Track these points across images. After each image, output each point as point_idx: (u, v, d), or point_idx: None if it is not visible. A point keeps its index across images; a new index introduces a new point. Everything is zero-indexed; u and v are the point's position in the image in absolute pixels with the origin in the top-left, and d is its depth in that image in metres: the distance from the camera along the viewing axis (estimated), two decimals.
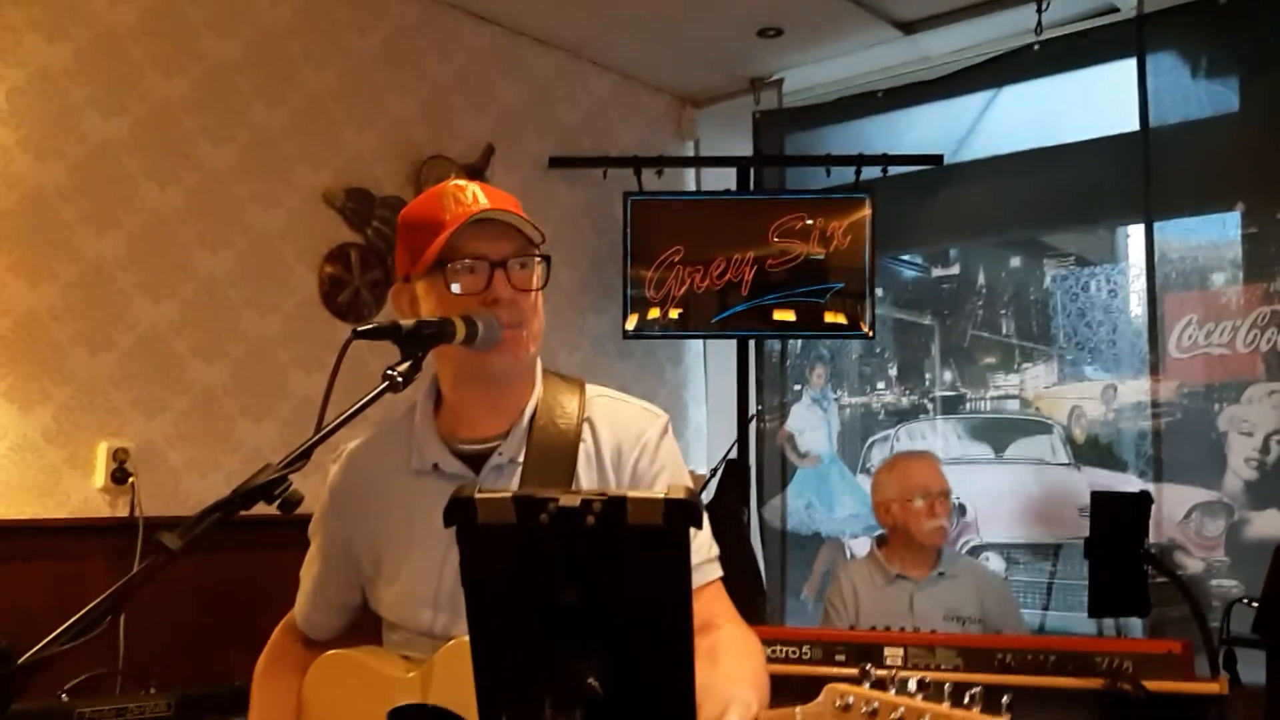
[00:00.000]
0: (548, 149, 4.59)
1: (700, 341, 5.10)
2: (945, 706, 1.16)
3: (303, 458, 1.40)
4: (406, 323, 1.50)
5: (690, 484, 1.61)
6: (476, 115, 4.39)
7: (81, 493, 3.28)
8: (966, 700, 1.17)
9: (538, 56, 4.65)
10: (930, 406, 4.65)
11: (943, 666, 2.81)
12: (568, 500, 0.97)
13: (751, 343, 4.73)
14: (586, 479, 1.57)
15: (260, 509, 1.37)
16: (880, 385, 4.81)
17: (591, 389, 1.66)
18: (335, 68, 3.97)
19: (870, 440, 4.78)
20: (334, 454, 1.74)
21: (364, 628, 1.75)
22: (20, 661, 1.07)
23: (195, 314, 3.54)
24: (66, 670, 2.74)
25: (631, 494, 0.97)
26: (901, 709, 1.17)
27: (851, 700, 1.20)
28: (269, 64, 3.78)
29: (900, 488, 3.39)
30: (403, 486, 1.61)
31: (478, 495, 0.98)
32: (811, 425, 4.87)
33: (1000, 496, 4.36)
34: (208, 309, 3.58)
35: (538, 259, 1.58)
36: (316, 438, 1.44)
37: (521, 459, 1.57)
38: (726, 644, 1.47)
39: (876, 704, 1.19)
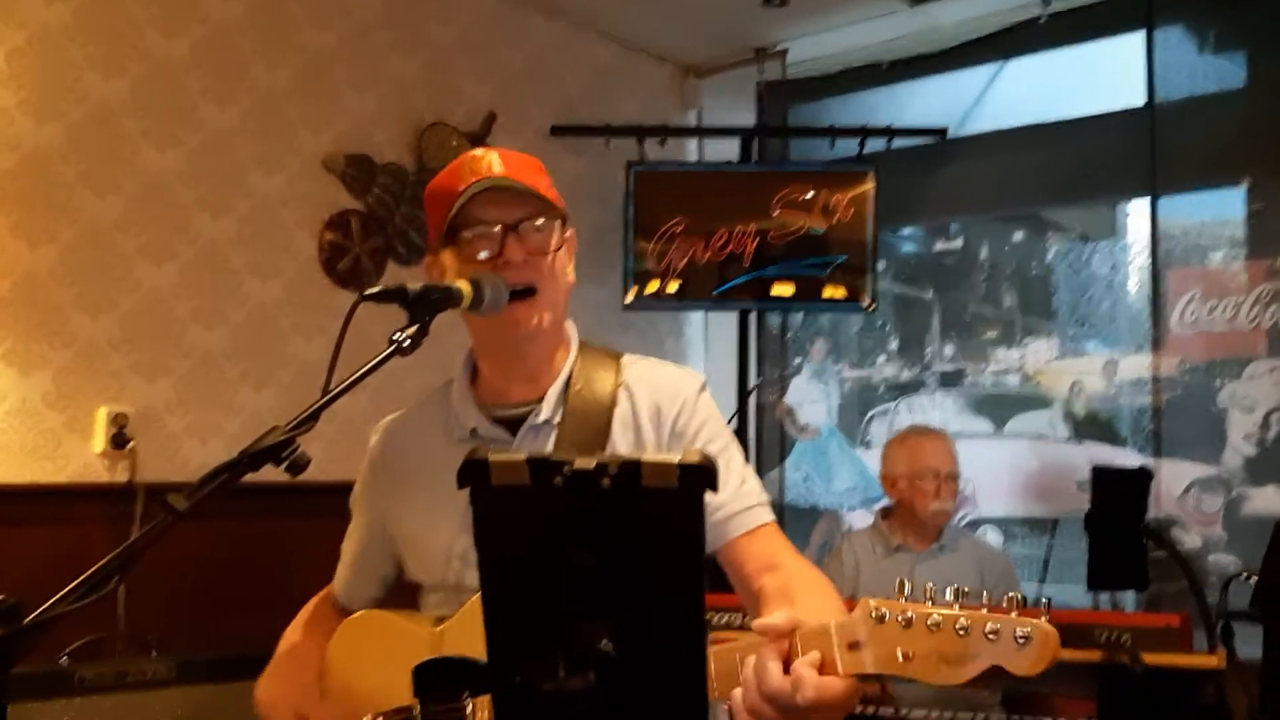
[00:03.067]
0: (550, 117, 4.56)
1: (701, 314, 5.08)
2: (982, 611, 1.17)
3: (310, 420, 1.40)
4: (413, 286, 1.49)
5: (728, 441, 1.62)
6: (479, 82, 4.36)
7: (81, 457, 3.27)
8: (1005, 604, 1.18)
9: (541, 23, 4.61)
10: (931, 380, 4.65)
11: None
12: (582, 463, 0.96)
13: (752, 315, 4.71)
14: (623, 441, 1.59)
15: (262, 475, 1.36)
16: (881, 359, 4.81)
17: (627, 357, 1.68)
18: (337, 30, 3.93)
19: (870, 414, 4.78)
20: (371, 427, 1.77)
21: (401, 600, 1.76)
22: (26, 621, 1.07)
23: (196, 278, 3.52)
24: (66, 634, 2.74)
25: (646, 457, 0.96)
26: (937, 616, 1.17)
27: (886, 612, 1.20)
28: (271, 25, 3.74)
29: (910, 465, 3.40)
30: (443, 454, 1.62)
31: (491, 457, 0.97)
32: (811, 398, 4.86)
33: (1000, 471, 4.36)
34: (208, 273, 3.56)
35: (555, 221, 1.58)
36: (323, 401, 1.44)
37: (557, 421, 1.59)
38: (799, 582, 1.48)
39: (911, 614, 1.19)
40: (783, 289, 4.36)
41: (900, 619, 1.19)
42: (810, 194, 4.37)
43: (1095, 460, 4.15)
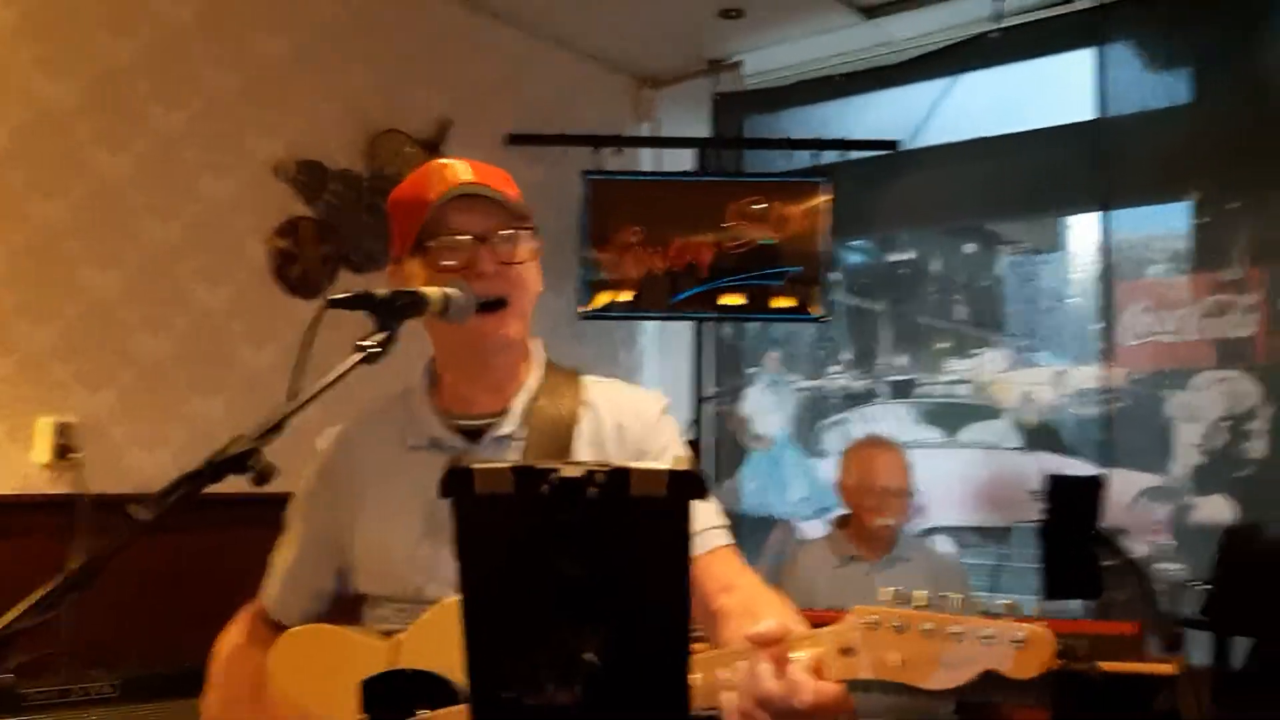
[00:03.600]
0: (506, 126, 4.53)
1: (654, 323, 5.08)
2: (977, 617, 1.16)
3: (276, 429, 1.37)
4: (380, 292, 1.46)
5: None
6: (433, 89, 4.32)
7: (22, 469, 3.18)
8: (1003, 611, 1.16)
9: (497, 32, 4.58)
10: (883, 390, 4.68)
11: None
12: (570, 471, 0.94)
13: (705, 326, 4.72)
14: (588, 458, 1.57)
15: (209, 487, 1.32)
16: (834, 369, 4.83)
17: (588, 377, 1.67)
18: (291, 34, 3.87)
19: (823, 424, 4.80)
20: (317, 435, 1.71)
21: (336, 616, 1.69)
22: None
23: (143, 284, 3.45)
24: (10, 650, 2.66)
25: (634, 465, 0.95)
26: (929, 623, 1.17)
27: (878, 618, 1.21)
28: (222, 27, 3.68)
29: (859, 479, 3.41)
30: (399, 461, 1.60)
31: (475, 465, 0.95)
32: (765, 408, 4.87)
33: (952, 480, 4.40)
34: (156, 280, 3.48)
35: (524, 231, 1.57)
36: (290, 409, 1.40)
37: (521, 434, 1.58)
38: (761, 600, 1.47)
39: (905, 620, 1.19)
40: (737, 299, 4.37)
41: (893, 625, 1.19)
42: (765, 205, 4.38)
43: (1046, 470, 4.20)
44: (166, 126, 3.53)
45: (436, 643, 1.43)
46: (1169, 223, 4.00)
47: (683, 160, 4.87)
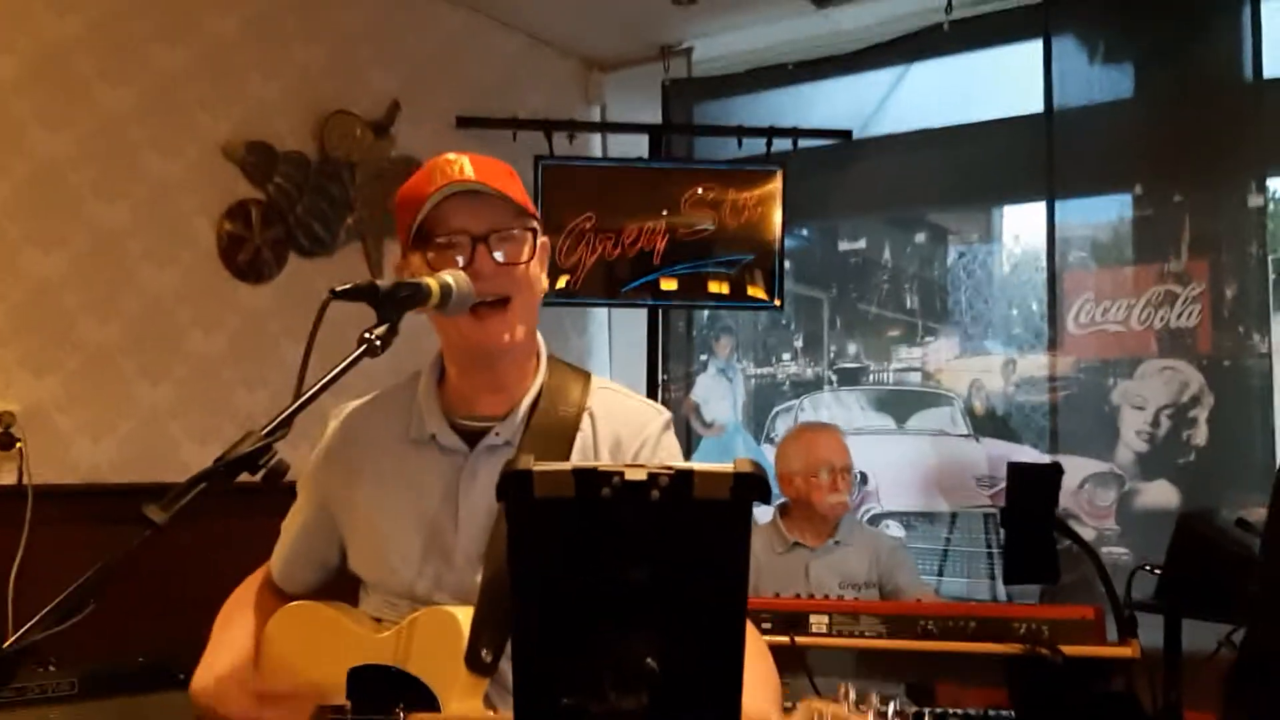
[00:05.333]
0: (455, 108, 4.46)
1: (605, 310, 5.06)
2: None
3: (284, 425, 1.33)
4: (383, 284, 1.45)
5: None
6: (384, 70, 4.24)
7: None
8: None
9: (447, 11, 4.51)
10: (834, 378, 4.72)
11: (866, 633, 2.86)
12: (633, 474, 0.92)
13: (659, 312, 4.71)
14: None
15: (160, 476, 1.29)
16: (785, 356, 4.86)
17: (596, 380, 1.67)
18: (240, 12, 3.76)
19: (775, 411, 4.83)
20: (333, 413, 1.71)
21: (339, 591, 1.70)
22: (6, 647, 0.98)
23: (88, 267, 3.33)
24: None
25: (698, 467, 0.94)
26: None
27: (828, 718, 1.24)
28: (170, 3, 3.56)
29: (805, 462, 3.44)
30: (399, 453, 1.61)
31: (535, 467, 0.93)
32: (717, 395, 4.89)
33: (901, 466, 4.46)
34: (101, 262, 3.37)
35: (527, 231, 1.56)
36: (298, 403, 1.37)
37: (517, 442, 1.57)
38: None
39: None
40: (690, 287, 4.36)
41: None
42: (718, 192, 4.38)
43: (994, 456, 4.28)
44: (112, 104, 3.41)
45: (423, 647, 1.48)
46: (1115, 214, 4.08)
47: (632, 147, 4.84)
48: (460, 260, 1.51)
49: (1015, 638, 2.76)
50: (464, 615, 1.48)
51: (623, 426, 1.60)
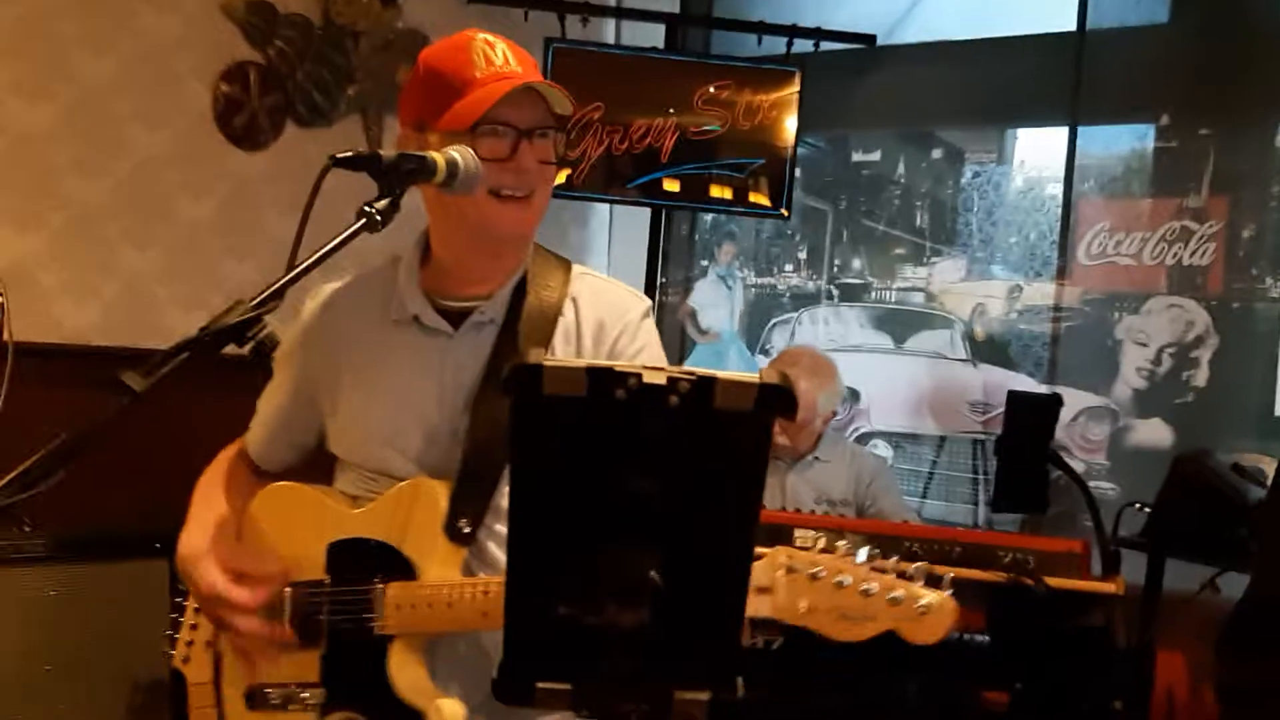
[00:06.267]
0: None
1: (606, 206, 4.94)
2: (890, 578, 1.23)
3: (275, 296, 1.27)
4: (388, 154, 1.40)
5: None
6: None
7: None
8: (910, 573, 1.25)
9: None
10: (835, 292, 4.64)
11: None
12: (652, 377, 0.86)
13: (663, 213, 4.59)
14: (563, 353, 1.59)
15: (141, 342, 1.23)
16: (788, 267, 4.77)
17: (577, 268, 1.67)
18: None
19: (772, 322, 4.75)
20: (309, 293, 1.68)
21: (315, 469, 1.71)
22: None
23: (77, 122, 3.21)
24: None
25: (722, 375, 0.87)
26: (845, 576, 1.23)
27: (797, 564, 1.26)
28: None
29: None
30: (379, 332, 1.61)
31: (546, 363, 0.85)
32: (714, 302, 4.80)
33: (895, 386, 4.41)
34: (89, 118, 3.24)
35: (560, 131, 1.56)
36: (290, 275, 1.31)
37: (501, 321, 1.58)
38: None
39: (822, 569, 1.25)
40: (693, 189, 4.24)
41: (809, 572, 1.25)
42: (733, 92, 4.23)
43: (990, 383, 4.23)
44: None
45: (401, 518, 1.51)
46: (1137, 144, 3.97)
47: (647, 37, 4.67)
48: (500, 153, 1.49)
49: (1000, 566, 2.74)
50: (442, 489, 1.50)
51: (605, 311, 1.61)
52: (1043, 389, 3.92)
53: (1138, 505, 3.05)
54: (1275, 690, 1.49)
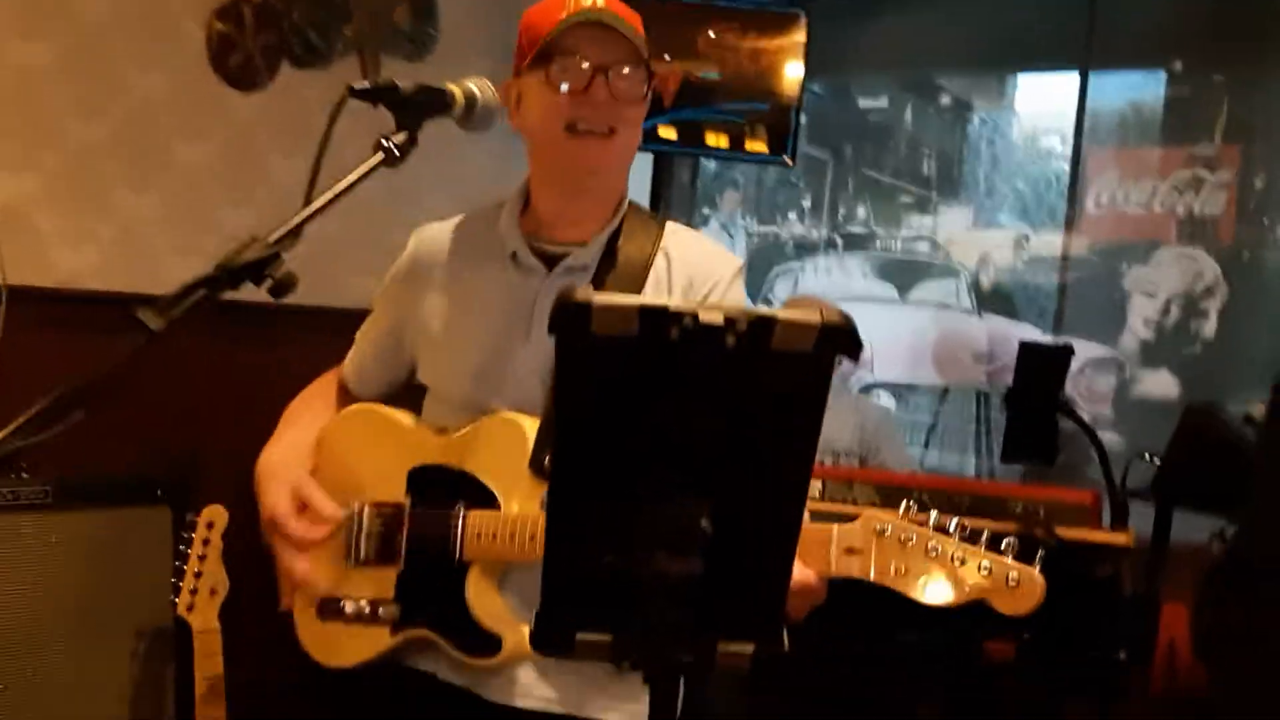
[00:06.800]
0: None
1: None
2: (982, 549, 1.28)
3: (294, 234, 1.22)
4: (405, 85, 1.39)
5: None
6: None
7: None
8: (1003, 547, 1.29)
9: None
10: (840, 242, 4.60)
11: (859, 501, 2.82)
12: (708, 316, 0.81)
13: (665, 159, 4.52)
14: None
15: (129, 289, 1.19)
16: (791, 216, 4.72)
17: (671, 225, 1.69)
18: None
19: (775, 271, 4.72)
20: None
21: (407, 401, 1.73)
22: None
23: (73, 61, 3.11)
24: None
25: (781, 314, 0.82)
26: (936, 542, 1.28)
27: (888, 527, 1.30)
28: None
29: None
30: (476, 269, 1.65)
31: (596, 299, 0.81)
32: None
33: (899, 337, 4.38)
34: (85, 57, 3.14)
35: (643, 70, 1.56)
36: (308, 212, 1.26)
37: (594, 268, 1.61)
38: None
39: (913, 535, 1.29)
40: (689, 136, 4.17)
41: (901, 536, 1.29)
42: (736, 36, 4.15)
43: (995, 333, 4.20)
44: None
45: (487, 450, 1.54)
46: (1149, 91, 3.91)
47: None
48: (574, 85, 1.51)
49: (1010, 517, 2.73)
50: (529, 423, 1.52)
51: (696, 268, 1.62)
52: (1048, 339, 3.90)
53: (1147, 456, 3.03)
54: (1251, 637, 1.50)
